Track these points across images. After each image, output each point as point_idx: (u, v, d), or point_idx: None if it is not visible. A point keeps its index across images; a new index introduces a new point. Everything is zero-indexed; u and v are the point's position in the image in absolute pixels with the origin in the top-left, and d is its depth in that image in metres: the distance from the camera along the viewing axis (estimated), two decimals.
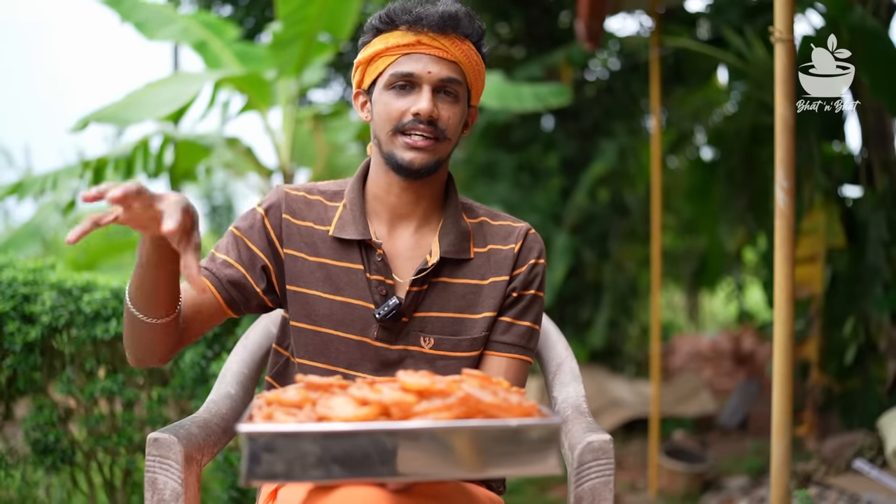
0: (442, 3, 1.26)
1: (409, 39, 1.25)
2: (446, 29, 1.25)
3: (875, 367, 3.35)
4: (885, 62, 2.78)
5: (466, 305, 1.31)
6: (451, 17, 1.25)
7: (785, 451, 1.70)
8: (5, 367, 2.13)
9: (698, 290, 8.03)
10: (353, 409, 0.90)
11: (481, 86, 1.33)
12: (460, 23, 1.25)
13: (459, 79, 1.27)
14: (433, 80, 1.25)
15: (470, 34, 1.27)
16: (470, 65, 1.28)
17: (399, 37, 1.26)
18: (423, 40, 1.25)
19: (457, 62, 1.26)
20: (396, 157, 1.26)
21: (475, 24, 1.28)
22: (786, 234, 1.71)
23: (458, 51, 1.26)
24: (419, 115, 1.24)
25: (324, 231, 1.32)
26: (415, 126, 1.25)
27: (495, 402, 0.92)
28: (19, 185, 3.56)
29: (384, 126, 1.27)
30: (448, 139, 1.28)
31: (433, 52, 1.25)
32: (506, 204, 5.23)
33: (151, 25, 4.06)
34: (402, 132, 1.26)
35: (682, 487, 3.68)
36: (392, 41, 1.26)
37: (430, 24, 1.24)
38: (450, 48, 1.25)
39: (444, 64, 1.25)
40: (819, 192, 3.51)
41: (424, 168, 1.26)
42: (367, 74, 1.30)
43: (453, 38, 1.26)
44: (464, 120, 1.31)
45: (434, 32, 1.25)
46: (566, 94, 4.50)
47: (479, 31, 1.29)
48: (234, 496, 2.23)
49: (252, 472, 0.88)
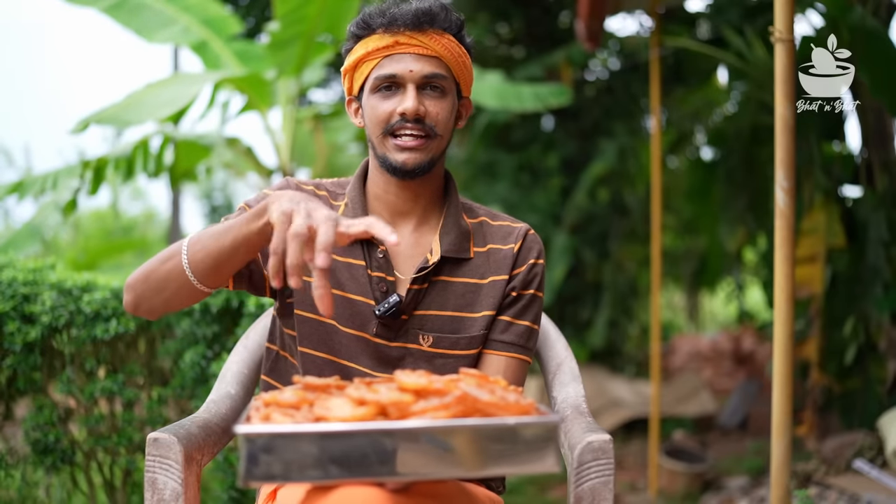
0: (415, 2, 1.26)
1: (387, 41, 1.25)
2: (422, 25, 1.25)
3: (875, 367, 3.35)
4: (885, 62, 2.78)
5: (465, 304, 1.31)
6: (424, 13, 1.25)
7: (785, 451, 1.70)
8: (5, 367, 2.13)
9: (698, 290, 8.04)
10: (350, 410, 0.90)
11: (469, 76, 1.33)
12: (436, 17, 1.26)
13: (443, 73, 1.27)
14: (416, 77, 1.25)
15: (448, 27, 1.27)
16: (452, 57, 1.28)
17: (377, 40, 1.26)
18: (401, 40, 1.25)
19: (438, 57, 1.26)
20: (390, 160, 1.27)
21: (451, 17, 1.28)
22: (786, 234, 1.71)
23: (439, 45, 1.26)
24: (405, 115, 1.24)
25: None
26: (403, 126, 1.25)
27: (493, 401, 0.92)
28: (19, 185, 3.56)
29: (374, 130, 1.28)
30: (439, 135, 1.28)
31: (412, 51, 1.25)
32: (506, 204, 5.23)
33: (150, 28, 4.06)
34: (392, 134, 1.26)
35: (682, 487, 3.68)
36: (371, 45, 1.26)
37: (405, 23, 1.24)
38: (429, 44, 1.26)
39: (425, 61, 1.25)
40: (819, 192, 3.51)
41: (418, 168, 1.27)
42: (354, 81, 1.31)
43: (431, 33, 1.26)
44: (454, 113, 1.32)
45: (410, 31, 1.25)
46: (566, 94, 4.50)
47: (458, 23, 1.29)
48: (234, 496, 2.23)
49: (250, 473, 0.88)
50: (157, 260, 1.18)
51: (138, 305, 1.22)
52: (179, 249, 1.16)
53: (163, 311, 1.22)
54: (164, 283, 1.17)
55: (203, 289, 1.17)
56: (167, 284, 1.17)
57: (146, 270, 1.19)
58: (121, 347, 2.23)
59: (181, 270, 1.15)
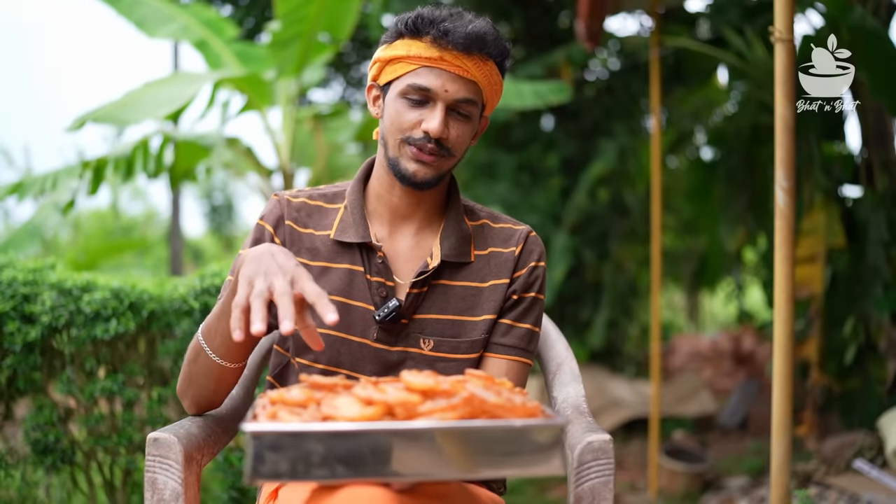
0: (470, 21, 1.23)
1: (433, 53, 1.22)
2: (471, 48, 1.22)
3: (875, 367, 3.35)
4: (885, 62, 2.79)
5: (466, 308, 1.31)
6: (478, 37, 1.22)
7: (785, 451, 1.70)
8: (5, 367, 2.13)
9: (698, 290, 8.04)
10: (357, 409, 0.90)
11: (497, 99, 1.32)
12: (487, 44, 1.23)
13: (475, 99, 1.26)
14: (449, 98, 1.23)
15: (494, 55, 1.25)
16: (489, 84, 1.26)
17: (423, 47, 1.23)
18: (446, 57, 1.22)
19: (476, 82, 1.25)
20: (401, 166, 1.26)
21: (501, 45, 1.26)
22: (786, 234, 1.71)
23: (479, 72, 1.24)
24: (428, 134, 1.23)
25: (325, 235, 1.32)
26: (422, 144, 1.24)
27: (499, 403, 0.92)
28: (19, 185, 3.56)
29: (393, 133, 1.26)
30: (453, 156, 1.27)
31: (454, 70, 1.23)
32: (505, 204, 5.23)
33: (151, 23, 4.06)
34: (409, 143, 1.25)
35: (682, 487, 3.68)
36: (415, 50, 1.24)
37: (456, 41, 1.21)
38: (471, 68, 1.23)
39: (462, 83, 1.23)
40: (819, 192, 3.51)
41: (426, 182, 1.26)
42: (384, 73, 1.29)
43: (476, 58, 1.23)
44: (473, 134, 1.31)
45: (458, 51, 1.22)
46: (566, 92, 4.50)
47: (505, 52, 1.27)
48: (234, 496, 2.23)
49: (256, 471, 0.88)
50: (188, 362, 1.23)
51: (199, 405, 1.28)
52: (200, 346, 1.20)
53: (223, 398, 1.29)
54: (205, 379, 1.22)
55: (240, 365, 1.21)
56: (209, 381, 1.22)
57: (185, 375, 1.24)
58: (121, 347, 2.23)
59: (212, 363, 1.19)
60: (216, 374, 1.21)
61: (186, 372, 1.24)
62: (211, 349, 1.18)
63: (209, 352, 1.18)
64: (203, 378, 1.22)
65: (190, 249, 13.63)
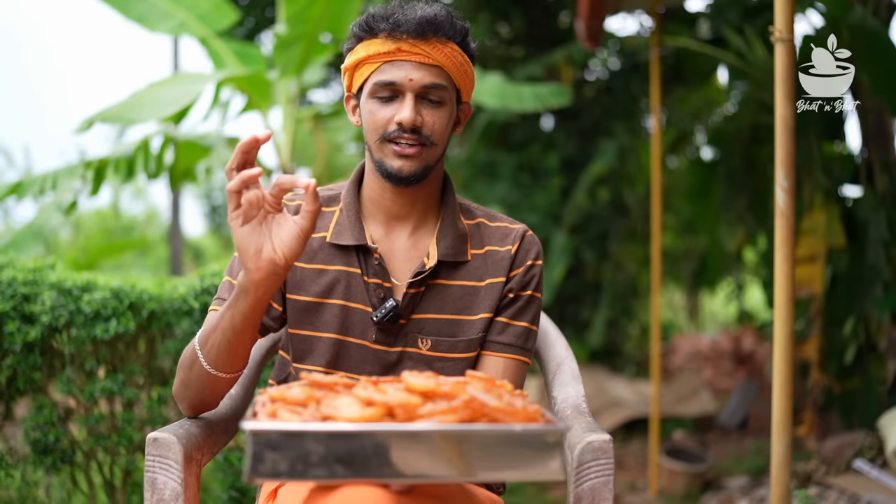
0: (420, 8, 1.24)
1: (389, 47, 1.23)
2: (426, 34, 1.22)
3: (875, 367, 3.35)
4: (885, 62, 2.79)
5: (463, 307, 1.31)
6: (429, 21, 1.22)
7: (785, 451, 1.70)
8: (5, 367, 2.13)
9: (698, 290, 8.04)
10: (358, 410, 0.90)
11: (471, 83, 1.31)
12: (440, 26, 1.23)
13: (444, 83, 1.25)
14: (415, 87, 1.23)
15: (452, 35, 1.25)
16: (454, 66, 1.26)
17: (379, 45, 1.24)
18: (403, 47, 1.22)
19: (440, 66, 1.24)
20: (386, 165, 1.26)
21: (456, 25, 1.26)
22: (786, 233, 1.71)
23: (441, 54, 1.24)
24: (402, 125, 1.23)
25: (321, 238, 1.32)
26: (399, 135, 1.24)
27: (500, 406, 0.92)
28: (19, 185, 3.55)
29: (371, 134, 1.27)
30: (434, 144, 1.26)
31: (414, 59, 1.23)
32: (505, 204, 5.23)
33: (152, 19, 4.06)
34: (389, 140, 1.25)
35: (682, 487, 3.68)
36: (373, 49, 1.24)
37: (409, 30, 1.22)
38: (431, 53, 1.23)
39: (426, 70, 1.23)
40: (819, 192, 3.51)
41: (413, 175, 1.26)
42: (354, 80, 1.30)
43: (434, 42, 1.23)
44: (453, 120, 1.30)
45: (413, 38, 1.22)
46: (566, 95, 4.50)
47: (462, 31, 1.27)
48: (234, 496, 2.23)
49: (255, 470, 0.88)
50: (184, 368, 1.23)
51: (195, 408, 1.28)
52: (196, 354, 1.19)
53: (219, 401, 1.29)
54: (200, 385, 1.22)
55: (233, 376, 1.21)
56: (203, 387, 1.22)
57: (181, 380, 1.24)
58: (121, 347, 2.23)
59: (207, 373, 1.19)
60: (211, 382, 1.20)
61: (181, 378, 1.23)
62: (206, 361, 1.17)
63: (205, 363, 1.18)
64: (198, 384, 1.22)
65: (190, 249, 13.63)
